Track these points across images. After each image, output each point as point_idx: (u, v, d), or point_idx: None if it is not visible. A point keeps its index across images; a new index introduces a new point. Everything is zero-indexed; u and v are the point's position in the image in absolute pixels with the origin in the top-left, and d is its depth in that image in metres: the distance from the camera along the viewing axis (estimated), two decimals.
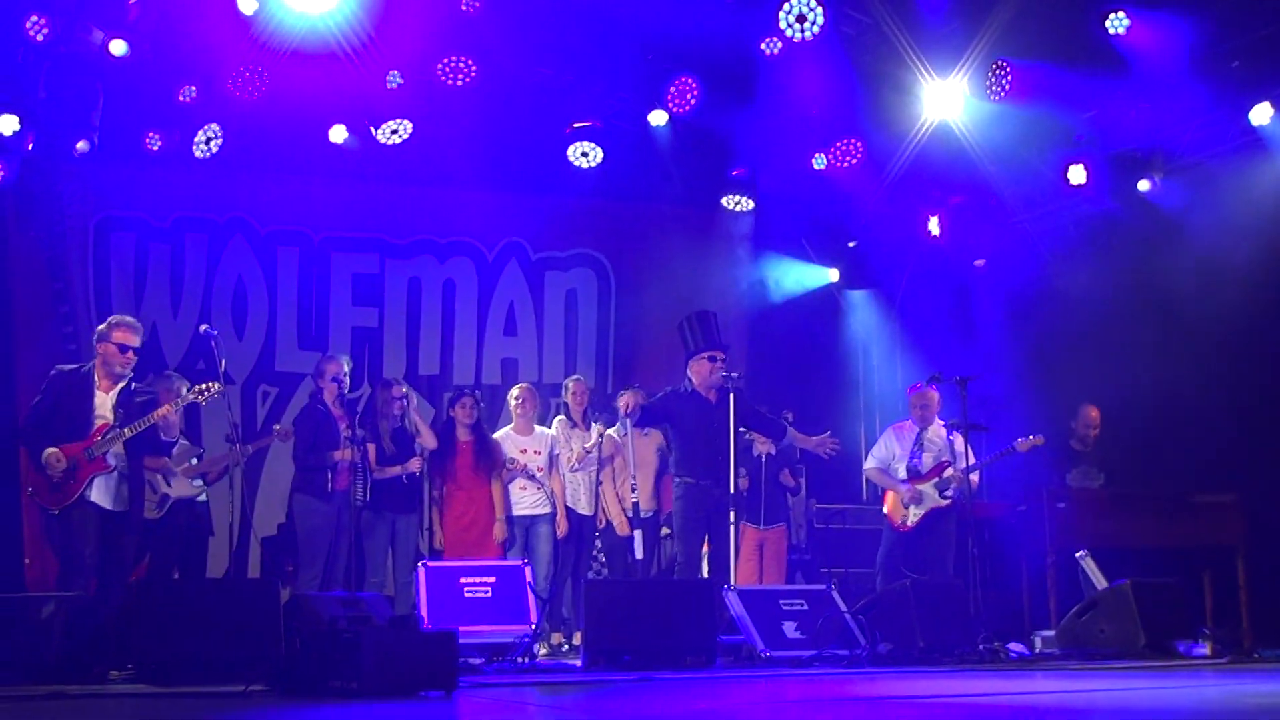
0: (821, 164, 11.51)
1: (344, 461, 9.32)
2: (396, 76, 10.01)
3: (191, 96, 9.90)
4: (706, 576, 9.28)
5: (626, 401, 9.16)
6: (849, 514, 11.76)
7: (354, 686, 6.05)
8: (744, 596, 8.64)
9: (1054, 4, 9.88)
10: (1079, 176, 11.21)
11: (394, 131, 10.64)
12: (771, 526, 10.61)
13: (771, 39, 9.86)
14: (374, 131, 10.54)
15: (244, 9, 9.11)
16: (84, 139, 10.38)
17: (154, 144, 10.45)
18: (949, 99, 10.57)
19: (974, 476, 9.92)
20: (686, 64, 10.47)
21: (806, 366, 12.85)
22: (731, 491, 8.93)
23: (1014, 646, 9.19)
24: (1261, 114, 10.20)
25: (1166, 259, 11.17)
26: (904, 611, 8.55)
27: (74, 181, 11.02)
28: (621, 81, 10.83)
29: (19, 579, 9.83)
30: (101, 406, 7.89)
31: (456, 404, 10.12)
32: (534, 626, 8.77)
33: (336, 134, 10.60)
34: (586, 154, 11.02)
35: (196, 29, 9.42)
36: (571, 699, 6.50)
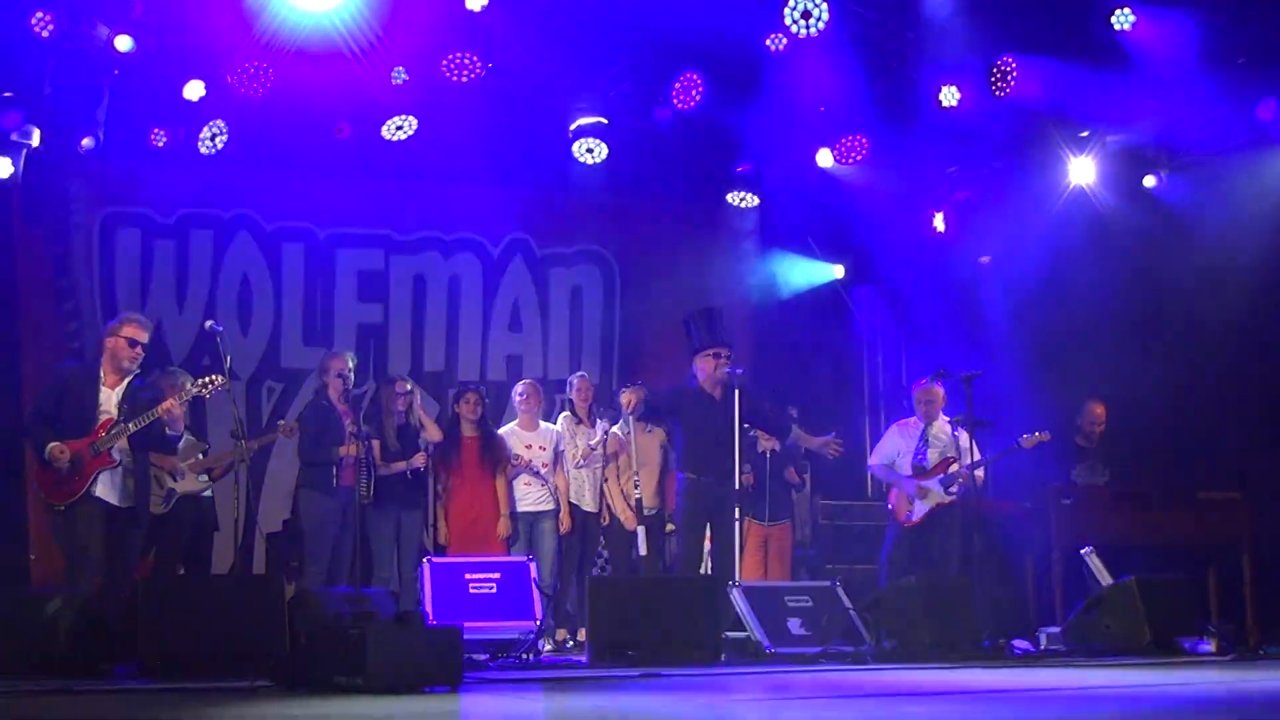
0: (827, 160, 11.50)
1: (349, 457, 9.33)
2: (401, 72, 10.01)
3: (198, 94, 9.90)
4: (707, 573, 9.29)
5: (629, 398, 9.16)
6: (854, 510, 11.75)
7: (359, 682, 6.05)
8: (749, 593, 8.64)
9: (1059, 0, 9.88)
10: (1085, 172, 11.22)
11: (399, 128, 10.65)
12: (776, 523, 10.61)
13: (777, 35, 9.85)
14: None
15: (250, 4, 9.12)
16: (89, 135, 10.40)
17: (159, 140, 10.46)
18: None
19: (979, 473, 9.91)
20: (691, 60, 10.46)
21: (811, 363, 12.83)
22: (736, 487, 8.95)
23: (1019, 643, 9.19)
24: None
25: (1173, 256, 11.17)
26: (909, 608, 8.55)
27: (79, 178, 11.03)
28: (626, 77, 10.82)
29: (25, 575, 9.84)
30: (107, 402, 7.89)
31: (461, 400, 10.13)
32: (538, 622, 8.78)
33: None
34: (591, 150, 11.01)
35: (202, 25, 9.41)
36: (576, 695, 6.49)
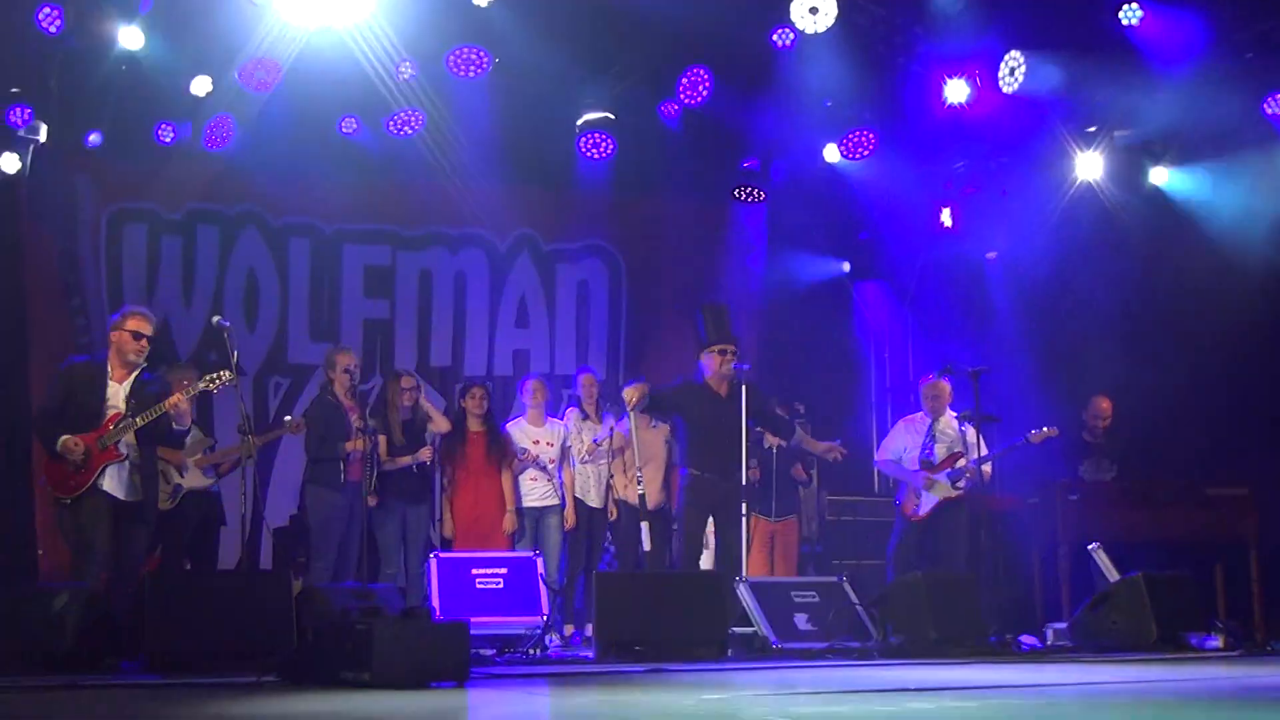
0: (834, 156, 11.49)
1: (356, 453, 9.32)
2: (408, 68, 10.00)
3: (205, 89, 9.90)
4: (706, 568, 9.29)
5: (631, 395, 9.15)
6: (861, 506, 11.74)
7: (366, 677, 6.06)
8: (755, 588, 8.65)
9: None
10: (1093, 168, 11.20)
11: (405, 123, 10.65)
12: (783, 519, 10.63)
13: (784, 30, 9.84)
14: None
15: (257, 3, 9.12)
16: (96, 131, 10.41)
17: (166, 136, 10.47)
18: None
19: (986, 468, 9.90)
20: (699, 55, 10.44)
21: (818, 358, 12.82)
22: (743, 483, 8.95)
23: (1026, 639, 9.20)
24: None
25: (1180, 251, 11.14)
26: (916, 603, 8.55)
27: (86, 173, 11.04)
28: (633, 73, 10.81)
29: (32, 570, 9.85)
30: (114, 396, 7.89)
31: (466, 395, 10.12)
32: (545, 618, 8.78)
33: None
34: (598, 145, 11.00)
35: (209, 20, 9.42)
36: (583, 690, 6.49)
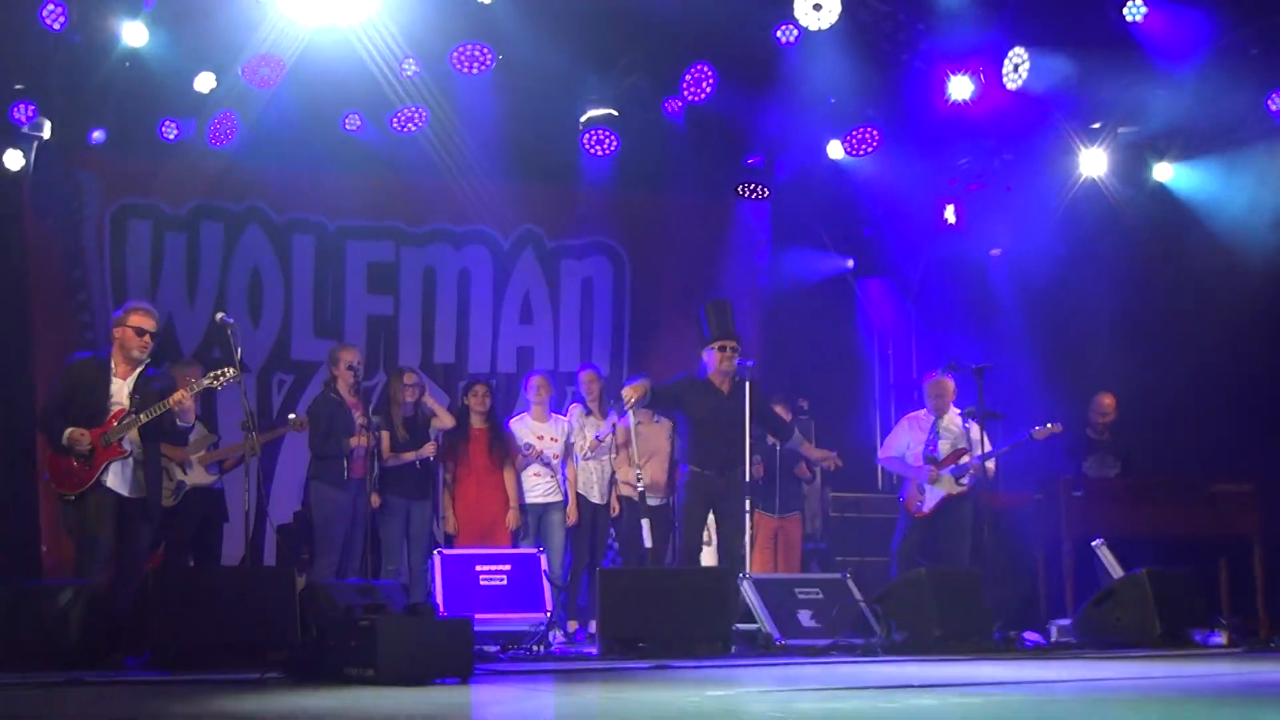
0: (838, 152, 11.48)
1: (360, 449, 9.31)
2: (412, 64, 10.00)
3: (209, 86, 9.91)
4: (705, 565, 9.28)
5: (630, 394, 9.13)
6: (865, 503, 11.75)
7: (370, 674, 6.06)
8: (759, 585, 8.65)
9: None
10: (1097, 164, 11.20)
11: (409, 120, 10.65)
12: (787, 515, 10.63)
13: (788, 26, 9.83)
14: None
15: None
16: (100, 128, 10.41)
17: (170, 133, 10.48)
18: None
19: (990, 465, 9.90)
20: (702, 52, 10.44)
21: (821, 355, 12.83)
22: (747, 480, 8.94)
23: (1030, 635, 9.20)
24: None
25: (1184, 247, 11.14)
26: (919, 600, 8.55)
27: (90, 171, 11.05)
28: (637, 69, 10.80)
29: (36, 567, 9.87)
30: (118, 393, 7.88)
31: (469, 393, 10.12)
32: (549, 614, 8.78)
33: None
34: (602, 142, 11.00)
35: (213, 17, 9.42)
36: (587, 687, 6.50)
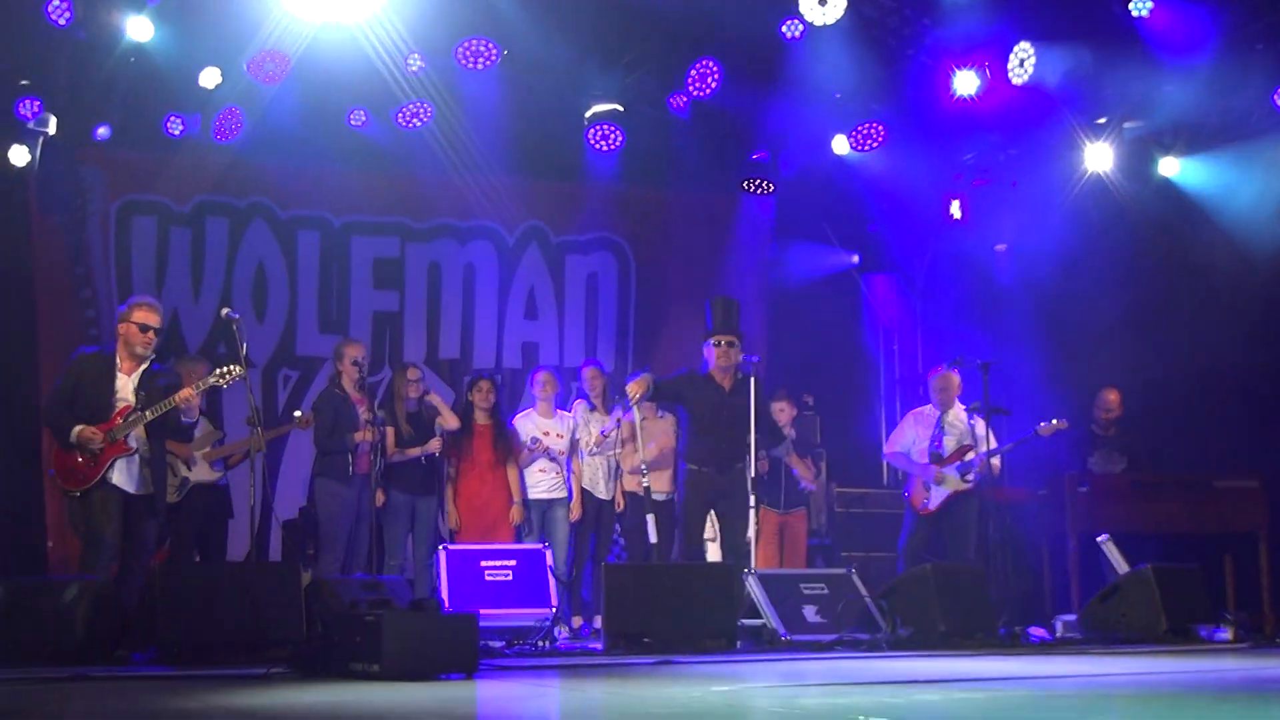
0: (843, 147, 11.47)
1: (365, 445, 9.31)
2: (417, 60, 10.00)
3: (214, 82, 9.92)
4: (709, 560, 9.28)
5: (633, 390, 9.12)
6: (870, 498, 11.75)
7: (375, 669, 6.07)
8: (764, 580, 8.65)
9: None
10: (1102, 159, 11.18)
11: (414, 115, 10.65)
12: (792, 510, 10.63)
13: (793, 21, 9.82)
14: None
15: None
16: (105, 124, 10.41)
17: (175, 128, 10.48)
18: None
19: (996, 461, 9.89)
20: (708, 47, 10.43)
21: (826, 351, 12.82)
22: (752, 475, 8.94)
23: (1035, 631, 9.20)
24: None
25: (1190, 242, 11.13)
26: (925, 596, 8.55)
27: (95, 166, 11.05)
28: (642, 64, 10.80)
29: (42, 562, 9.88)
30: (123, 389, 7.88)
31: (473, 388, 10.10)
32: (554, 610, 8.78)
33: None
34: (607, 137, 10.99)
35: (218, 12, 9.42)
36: (592, 682, 6.50)
